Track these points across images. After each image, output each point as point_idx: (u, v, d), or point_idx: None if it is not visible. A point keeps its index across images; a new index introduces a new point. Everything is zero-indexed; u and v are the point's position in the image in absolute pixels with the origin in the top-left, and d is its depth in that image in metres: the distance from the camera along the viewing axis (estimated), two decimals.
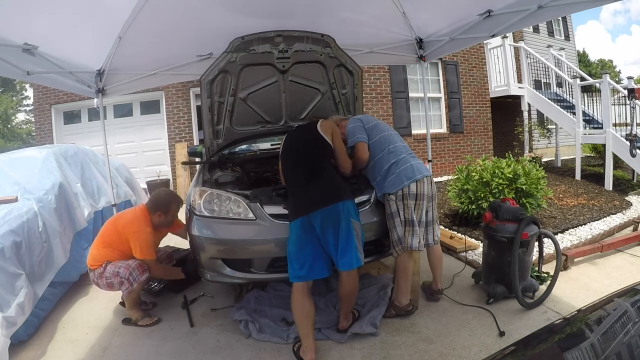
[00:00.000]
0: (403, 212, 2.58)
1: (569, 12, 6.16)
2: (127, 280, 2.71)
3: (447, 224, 4.82)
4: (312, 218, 2.23)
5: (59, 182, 3.45)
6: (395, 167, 2.65)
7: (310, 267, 2.24)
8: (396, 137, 2.82)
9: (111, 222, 2.95)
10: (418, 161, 2.73)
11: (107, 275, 2.74)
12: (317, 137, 2.56)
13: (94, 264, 2.80)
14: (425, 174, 2.64)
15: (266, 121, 3.57)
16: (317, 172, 2.39)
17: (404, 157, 2.69)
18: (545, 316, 2.58)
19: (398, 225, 2.59)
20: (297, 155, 2.51)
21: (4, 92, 24.07)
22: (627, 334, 1.04)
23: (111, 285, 2.77)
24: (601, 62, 32.20)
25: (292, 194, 2.44)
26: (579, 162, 7.01)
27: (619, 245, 3.78)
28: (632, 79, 7.23)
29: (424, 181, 2.61)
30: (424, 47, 4.12)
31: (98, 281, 2.80)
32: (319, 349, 2.34)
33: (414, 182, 2.57)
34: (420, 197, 2.59)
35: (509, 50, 8.72)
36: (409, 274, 2.63)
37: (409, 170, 2.61)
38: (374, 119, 2.90)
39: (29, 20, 2.48)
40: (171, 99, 7.90)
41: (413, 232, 2.58)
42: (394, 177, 2.62)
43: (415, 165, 2.66)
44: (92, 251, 2.86)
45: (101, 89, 3.75)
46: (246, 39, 3.13)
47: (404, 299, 2.64)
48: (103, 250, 2.82)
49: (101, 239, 2.87)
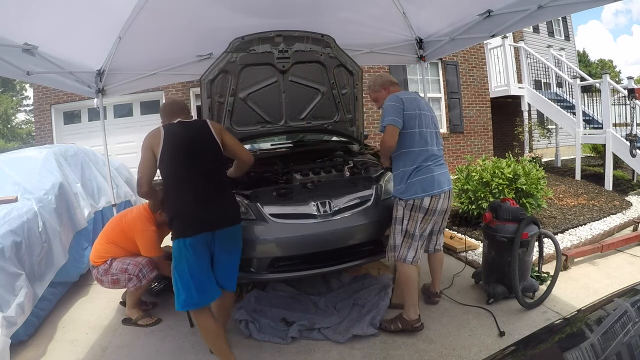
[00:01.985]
0: (408, 222, 2.42)
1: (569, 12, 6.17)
2: (137, 277, 2.73)
3: (447, 224, 4.80)
4: (216, 235, 2.08)
5: (59, 182, 3.45)
6: (415, 173, 2.40)
7: (205, 291, 2.05)
8: (433, 137, 2.49)
9: (116, 221, 2.97)
10: (443, 171, 2.47)
11: (113, 271, 2.75)
12: (214, 142, 2.18)
13: (98, 260, 2.80)
14: (444, 189, 2.42)
15: (266, 121, 3.57)
16: (219, 185, 2.19)
17: (429, 165, 2.41)
18: (545, 316, 2.58)
19: (398, 233, 2.46)
20: (193, 161, 2.11)
21: (4, 92, 24.06)
22: (627, 334, 1.04)
23: (117, 282, 2.77)
24: (601, 62, 32.19)
25: (190, 205, 2.07)
26: (579, 162, 7.00)
27: (619, 245, 3.77)
28: (632, 79, 7.24)
29: (440, 196, 2.41)
30: (424, 47, 4.12)
31: (102, 277, 2.79)
32: (319, 349, 2.34)
33: (429, 196, 2.38)
34: (431, 213, 2.41)
35: (509, 50, 8.72)
36: (413, 284, 2.43)
37: (428, 183, 2.38)
38: (420, 102, 2.51)
39: (29, 20, 2.48)
40: (171, 99, 7.89)
41: (410, 245, 2.43)
42: (410, 183, 2.40)
43: (437, 177, 2.41)
44: (97, 247, 2.87)
45: (101, 89, 3.75)
46: (246, 39, 3.13)
47: (413, 313, 2.43)
48: (107, 246, 2.83)
49: (106, 235, 2.88)
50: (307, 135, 4.11)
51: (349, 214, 2.66)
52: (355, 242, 2.67)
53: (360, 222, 2.67)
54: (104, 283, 2.82)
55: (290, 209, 2.65)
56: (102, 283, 2.84)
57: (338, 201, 2.69)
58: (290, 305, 2.83)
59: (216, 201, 2.15)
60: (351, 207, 2.72)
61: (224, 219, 2.13)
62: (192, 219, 2.05)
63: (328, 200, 2.66)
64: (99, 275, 2.80)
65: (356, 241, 2.67)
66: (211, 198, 2.13)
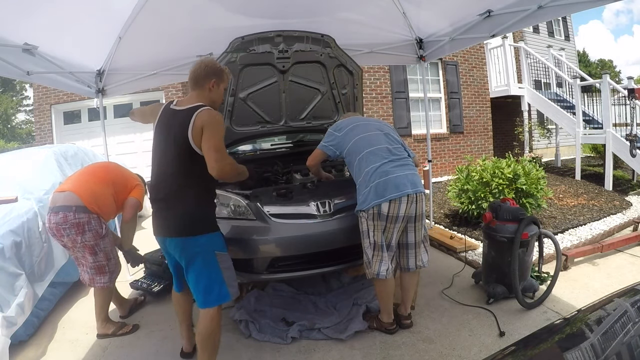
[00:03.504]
0: (373, 233, 2.26)
1: (569, 12, 6.16)
2: (110, 273, 2.57)
3: (447, 224, 4.81)
4: (167, 243, 1.97)
5: (59, 182, 3.44)
6: (369, 179, 2.24)
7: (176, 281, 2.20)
8: (381, 138, 2.37)
9: (106, 164, 2.97)
10: (404, 173, 2.25)
11: (101, 246, 2.48)
12: (186, 140, 1.87)
13: (95, 206, 2.43)
14: (405, 192, 2.18)
15: (266, 121, 3.57)
16: (179, 191, 1.91)
17: (381, 166, 2.23)
18: (545, 316, 2.58)
19: (367, 247, 2.32)
20: (164, 157, 1.97)
21: (4, 92, 24.06)
22: (627, 334, 1.04)
23: (88, 264, 2.48)
24: (601, 62, 32.20)
25: (156, 203, 1.99)
26: (579, 162, 7.01)
27: (619, 245, 3.77)
28: (632, 79, 7.24)
29: (401, 200, 2.18)
30: (424, 47, 4.13)
31: (84, 236, 2.38)
32: (319, 349, 2.34)
33: (386, 201, 2.17)
34: (392, 220, 2.21)
35: (509, 50, 8.72)
36: (388, 296, 2.40)
37: (383, 186, 2.18)
38: (360, 120, 2.58)
39: (29, 20, 2.48)
40: (171, 99, 7.87)
41: (381, 258, 2.28)
42: (367, 191, 2.24)
43: (394, 179, 2.20)
44: (92, 186, 2.49)
45: (101, 89, 3.75)
46: (246, 39, 3.13)
47: (387, 318, 2.47)
48: (106, 189, 2.53)
49: (102, 175, 2.60)
50: (307, 135, 4.11)
51: (349, 214, 2.65)
52: (355, 242, 2.67)
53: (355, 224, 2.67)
54: (77, 249, 2.44)
55: (290, 209, 2.64)
56: (85, 243, 2.41)
57: (338, 201, 2.69)
58: (290, 305, 2.83)
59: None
60: (351, 207, 2.72)
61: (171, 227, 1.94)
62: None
63: (328, 201, 2.66)
64: (86, 232, 2.40)
65: (356, 241, 2.67)
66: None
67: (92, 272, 2.54)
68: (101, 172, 2.72)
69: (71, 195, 2.43)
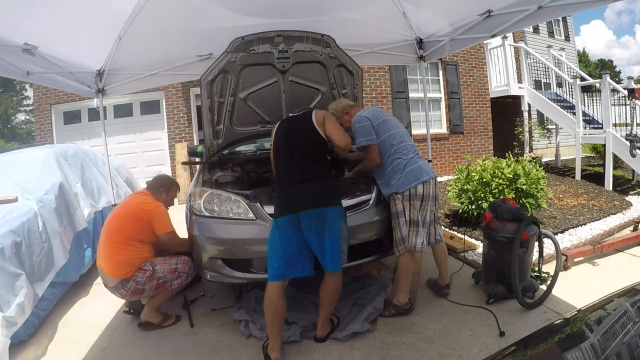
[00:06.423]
0: (409, 212, 2.61)
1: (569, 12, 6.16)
2: (186, 274, 2.71)
3: (447, 224, 4.81)
4: (301, 217, 2.22)
5: (59, 182, 3.45)
6: (403, 167, 2.64)
7: (289, 266, 2.25)
8: (405, 135, 2.78)
9: (119, 218, 2.68)
10: (424, 162, 2.74)
11: (159, 274, 2.60)
12: (313, 132, 2.42)
13: (130, 269, 2.55)
14: (432, 176, 2.67)
15: (266, 121, 3.57)
16: (311, 171, 2.34)
17: (412, 157, 2.68)
18: (545, 316, 2.58)
19: (403, 225, 2.61)
20: (292, 150, 2.40)
21: (4, 92, 24.08)
22: (627, 334, 1.04)
23: (162, 285, 2.63)
24: (601, 62, 32.20)
25: (282, 189, 2.37)
26: (579, 162, 7.01)
27: (619, 245, 3.77)
28: (632, 79, 7.25)
29: (430, 183, 2.64)
30: (424, 47, 4.13)
31: (144, 286, 2.57)
32: (319, 349, 2.35)
33: (421, 183, 2.60)
34: (426, 199, 2.62)
35: (509, 50, 8.72)
36: (410, 273, 2.66)
37: (417, 172, 2.62)
38: (383, 114, 2.83)
39: (29, 20, 2.48)
40: (171, 99, 7.90)
41: (417, 232, 2.62)
42: (402, 177, 2.62)
43: (422, 166, 2.67)
44: (116, 258, 2.56)
45: (101, 89, 3.76)
46: (246, 39, 3.13)
47: (403, 298, 2.67)
48: (131, 250, 2.57)
49: (118, 238, 2.59)
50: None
51: (349, 214, 2.65)
52: (355, 243, 2.67)
53: (360, 223, 2.67)
54: (145, 292, 2.60)
55: None
56: (142, 292, 2.60)
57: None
58: (290, 305, 2.81)
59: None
60: (351, 207, 2.72)
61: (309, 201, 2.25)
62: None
63: None
64: (140, 286, 2.56)
65: (356, 241, 2.67)
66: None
67: (170, 280, 2.68)
68: (116, 233, 2.62)
69: (107, 277, 2.62)
